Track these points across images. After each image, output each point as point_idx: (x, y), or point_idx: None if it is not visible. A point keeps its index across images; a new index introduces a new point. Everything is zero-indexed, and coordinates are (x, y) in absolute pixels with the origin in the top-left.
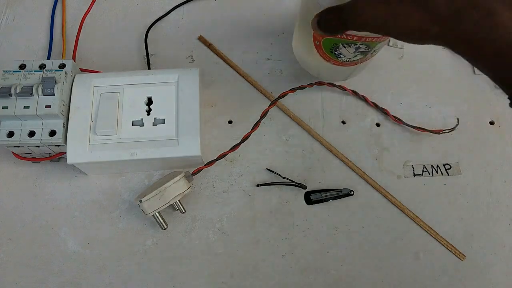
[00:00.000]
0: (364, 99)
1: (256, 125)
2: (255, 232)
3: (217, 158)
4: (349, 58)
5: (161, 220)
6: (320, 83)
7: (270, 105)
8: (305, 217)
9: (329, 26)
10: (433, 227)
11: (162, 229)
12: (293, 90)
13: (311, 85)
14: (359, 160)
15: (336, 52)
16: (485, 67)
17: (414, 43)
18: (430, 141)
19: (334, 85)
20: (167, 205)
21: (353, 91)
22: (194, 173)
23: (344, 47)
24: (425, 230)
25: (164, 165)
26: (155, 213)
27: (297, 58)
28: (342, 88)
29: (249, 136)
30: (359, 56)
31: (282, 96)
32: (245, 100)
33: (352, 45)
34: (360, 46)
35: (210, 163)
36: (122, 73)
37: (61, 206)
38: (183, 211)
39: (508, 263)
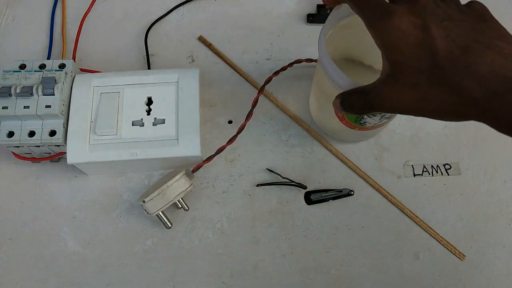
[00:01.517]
0: None
1: (249, 115)
2: (255, 232)
3: (215, 152)
4: (375, 124)
5: (166, 220)
6: (299, 61)
7: (258, 92)
8: (305, 217)
9: (354, 108)
10: (433, 227)
11: (167, 228)
12: (276, 73)
13: (291, 65)
14: (359, 160)
15: (361, 122)
16: None
17: (450, 121)
18: (430, 141)
19: (311, 60)
20: (170, 203)
21: None
22: (194, 170)
23: (369, 117)
24: (425, 230)
25: (164, 165)
26: (159, 213)
27: (317, 123)
28: None
29: (244, 126)
30: (384, 120)
31: (268, 81)
32: (245, 100)
33: (378, 114)
34: (386, 113)
35: (209, 158)
36: (122, 73)
37: (61, 206)
38: (187, 208)
39: (508, 263)
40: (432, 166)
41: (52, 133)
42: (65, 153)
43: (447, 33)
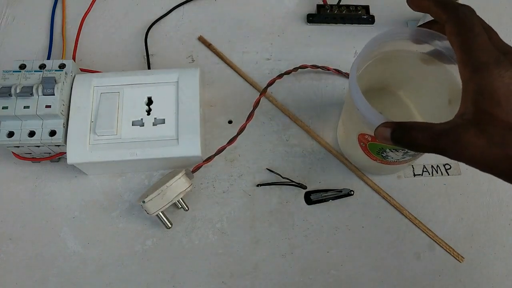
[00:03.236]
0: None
1: (250, 115)
2: (255, 232)
3: (215, 153)
4: (397, 159)
5: (166, 220)
6: (304, 67)
7: (260, 94)
8: (305, 217)
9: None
10: (433, 227)
11: (167, 228)
12: (280, 76)
13: (295, 69)
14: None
15: (383, 155)
16: None
17: None
18: None
19: (317, 67)
20: (170, 203)
21: None
22: (194, 170)
23: (392, 151)
24: (423, 232)
25: (164, 165)
26: (159, 213)
27: (342, 150)
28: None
29: (244, 127)
30: (407, 158)
31: (271, 83)
32: (245, 100)
33: (400, 150)
34: (409, 151)
35: (209, 159)
36: (122, 73)
37: (61, 206)
38: (187, 208)
39: (508, 263)
40: (432, 166)
41: (52, 133)
42: (65, 153)
43: None
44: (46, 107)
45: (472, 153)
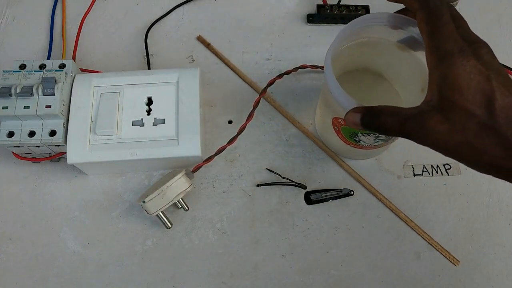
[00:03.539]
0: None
1: (250, 115)
2: (255, 232)
3: (215, 153)
4: (370, 144)
5: (166, 220)
6: (304, 67)
7: (260, 94)
8: (305, 217)
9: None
10: (433, 227)
11: (167, 228)
12: (280, 76)
13: (295, 69)
14: (358, 160)
15: (356, 139)
16: None
17: (484, 173)
18: None
19: (317, 67)
20: (170, 203)
21: None
22: (194, 170)
23: (364, 135)
24: (419, 235)
25: (164, 165)
26: (159, 213)
27: (319, 135)
28: None
29: (244, 127)
30: (379, 142)
31: (271, 83)
32: (245, 100)
33: (372, 134)
34: (380, 135)
35: (209, 159)
36: (122, 73)
37: (61, 206)
38: (187, 208)
39: (508, 263)
40: (432, 166)
41: (52, 133)
42: (65, 153)
43: (509, 90)
44: (46, 107)
45: (435, 138)
